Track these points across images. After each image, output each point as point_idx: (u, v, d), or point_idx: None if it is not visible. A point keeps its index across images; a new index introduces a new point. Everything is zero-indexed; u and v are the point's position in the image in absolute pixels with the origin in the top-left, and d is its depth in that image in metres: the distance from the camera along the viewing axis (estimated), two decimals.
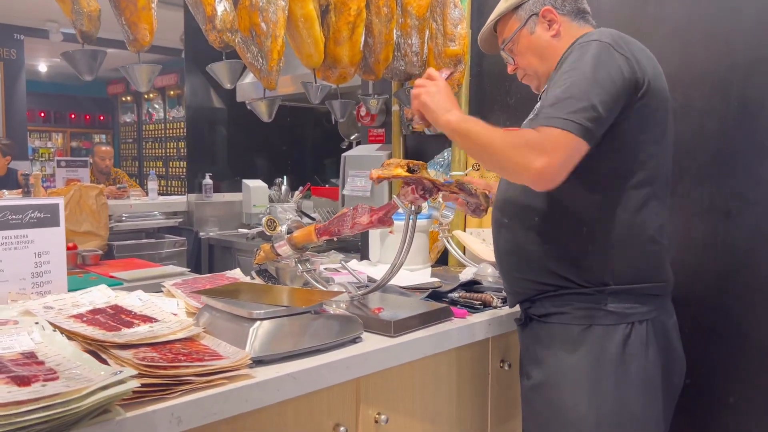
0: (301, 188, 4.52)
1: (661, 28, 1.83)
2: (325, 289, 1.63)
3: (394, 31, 2.09)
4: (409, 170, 1.45)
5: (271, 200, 4.47)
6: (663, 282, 1.34)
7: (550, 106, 1.20)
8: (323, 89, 2.02)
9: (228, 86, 1.81)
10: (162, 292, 1.67)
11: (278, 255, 1.70)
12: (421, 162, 1.46)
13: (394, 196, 1.50)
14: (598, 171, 1.27)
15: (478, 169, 2.43)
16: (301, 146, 5.60)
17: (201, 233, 4.47)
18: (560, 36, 1.41)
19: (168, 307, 1.45)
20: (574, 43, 1.30)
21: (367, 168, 2.94)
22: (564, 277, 1.32)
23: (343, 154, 3.17)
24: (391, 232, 2.09)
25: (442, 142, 2.62)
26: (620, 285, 1.29)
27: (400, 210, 1.51)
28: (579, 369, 1.28)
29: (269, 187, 4.57)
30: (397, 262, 1.52)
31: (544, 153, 1.16)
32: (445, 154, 2.57)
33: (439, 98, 1.33)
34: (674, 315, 1.38)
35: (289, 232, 1.69)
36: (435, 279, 2.02)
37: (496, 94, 2.47)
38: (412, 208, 1.50)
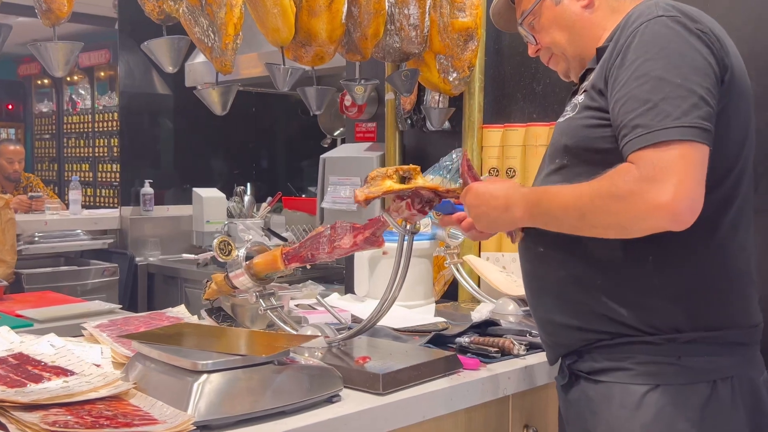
0: (269, 199, 4.52)
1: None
2: (294, 332, 1.63)
3: None
4: (401, 179, 1.46)
5: (230, 215, 4.47)
6: (752, 327, 1.32)
7: (641, 116, 1.16)
8: (294, 73, 2.04)
9: (170, 69, 1.83)
10: (83, 336, 1.67)
11: (234, 288, 1.71)
12: (412, 166, 1.48)
13: (383, 213, 1.51)
14: None
15: (497, 175, 2.45)
16: (270, 145, 5.62)
17: (138, 258, 4.47)
18: (594, 7, 1.42)
19: (89, 356, 1.45)
20: (626, 23, 1.28)
21: (353, 173, 2.96)
22: (623, 323, 1.30)
23: (323, 156, 3.18)
24: (384, 253, 2.08)
25: (448, 139, 2.65)
26: (698, 331, 1.27)
27: (393, 229, 1.52)
28: None
29: (228, 198, 4.58)
30: (389, 296, 1.53)
31: (665, 178, 1.11)
32: (454, 155, 2.59)
33: (483, 209, 1.38)
34: (765, 369, 1.36)
35: (249, 257, 1.69)
36: (439, 319, 2.03)
37: (519, 79, 2.51)
38: (407, 227, 1.51)
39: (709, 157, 1.18)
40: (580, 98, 1.36)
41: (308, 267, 1.67)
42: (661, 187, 1.11)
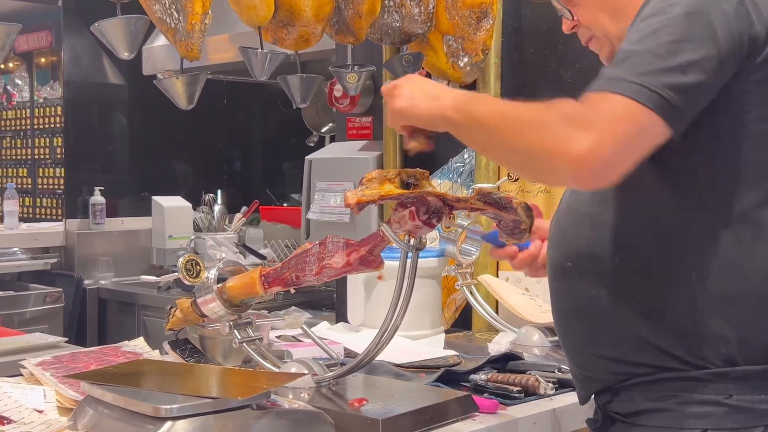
0: (244, 209, 4.52)
1: None
2: (276, 369, 1.63)
3: None
4: (404, 185, 1.46)
5: (197, 228, 4.47)
6: None
7: (613, 66, 1.21)
8: (274, 59, 2.05)
9: (125, 55, 1.84)
10: (21, 375, 1.66)
11: (203, 316, 1.70)
12: (419, 170, 1.48)
13: (383, 224, 1.51)
14: (713, 182, 1.28)
15: (516, 180, 2.45)
16: (245, 144, 5.63)
17: (86, 281, 4.46)
18: None
19: (30, 400, 1.44)
20: None
21: (344, 177, 2.96)
22: (667, 352, 1.30)
23: (309, 157, 3.18)
24: (379, 277, 2.09)
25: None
26: (752, 365, 1.27)
27: (394, 244, 1.52)
28: None
29: (195, 208, 4.58)
30: (389, 325, 1.52)
31: (591, 127, 1.15)
32: (465, 156, 2.59)
33: (413, 91, 1.37)
34: None
35: (221, 280, 1.69)
36: (450, 352, 2.02)
37: (543, 63, 2.51)
38: (411, 242, 1.51)
39: (758, 139, 1.22)
40: None
41: (292, 291, 1.67)
42: (582, 134, 1.15)
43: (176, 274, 1.80)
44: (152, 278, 2.12)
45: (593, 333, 1.37)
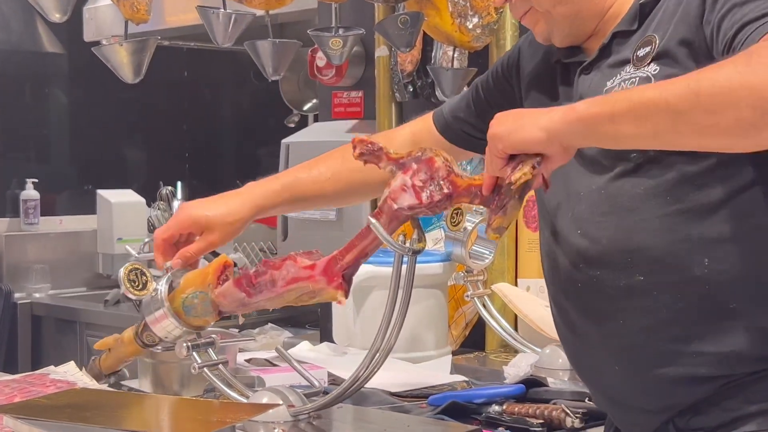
0: None
1: None
2: (244, 399, 1.63)
3: None
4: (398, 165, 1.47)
5: (152, 228, 4.45)
6: None
7: (746, 5, 1.28)
8: (240, 21, 2.05)
9: (56, 17, 1.83)
10: None
11: (149, 345, 1.71)
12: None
13: (370, 219, 1.50)
14: None
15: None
16: (210, 125, 5.61)
17: (17, 294, 4.45)
18: None
19: None
20: None
21: None
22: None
23: (286, 140, 3.18)
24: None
25: None
26: None
27: (386, 245, 1.52)
28: None
29: (149, 204, 4.58)
30: (381, 345, 1.53)
31: None
32: None
33: (514, 114, 1.38)
34: None
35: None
36: (458, 377, 2.03)
37: None
38: (407, 244, 1.51)
39: None
40: (650, 70, 1.43)
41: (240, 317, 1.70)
42: None
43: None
44: (99, 291, 2.11)
45: (675, 354, 1.43)
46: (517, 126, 1.34)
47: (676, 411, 1.46)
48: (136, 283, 1.74)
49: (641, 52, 1.45)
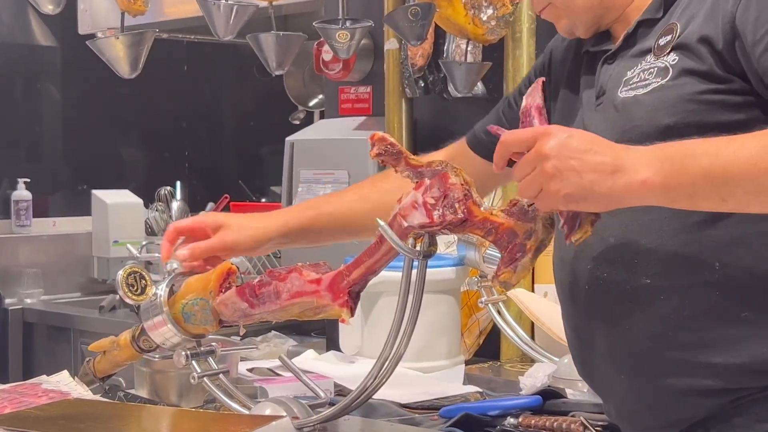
0: (211, 206, 4.50)
1: None
2: (246, 411, 1.62)
3: None
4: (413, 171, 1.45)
5: (151, 231, 4.46)
6: None
7: None
8: (242, 12, 2.04)
9: (49, 9, 1.82)
10: None
11: (146, 350, 1.70)
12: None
13: (379, 221, 1.50)
14: None
15: None
16: (211, 123, 5.62)
17: (9, 300, 4.44)
18: None
19: None
20: None
21: (336, 164, 2.96)
22: None
23: (291, 138, 3.17)
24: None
25: (481, 109, 2.62)
26: None
27: (396, 249, 1.50)
28: None
29: (147, 205, 4.57)
30: (391, 353, 1.52)
31: None
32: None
33: (574, 163, 1.30)
34: None
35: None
36: (472, 388, 2.03)
37: None
38: (417, 248, 1.50)
39: None
40: (669, 59, 1.45)
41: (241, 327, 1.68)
42: None
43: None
44: (95, 297, 2.11)
45: (690, 363, 1.43)
46: (585, 188, 1.30)
47: (684, 426, 1.46)
48: (135, 288, 1.74)
49: (662, 41, 1.47)
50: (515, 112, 1.74)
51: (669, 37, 1.47)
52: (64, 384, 1.81)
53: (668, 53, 1.45)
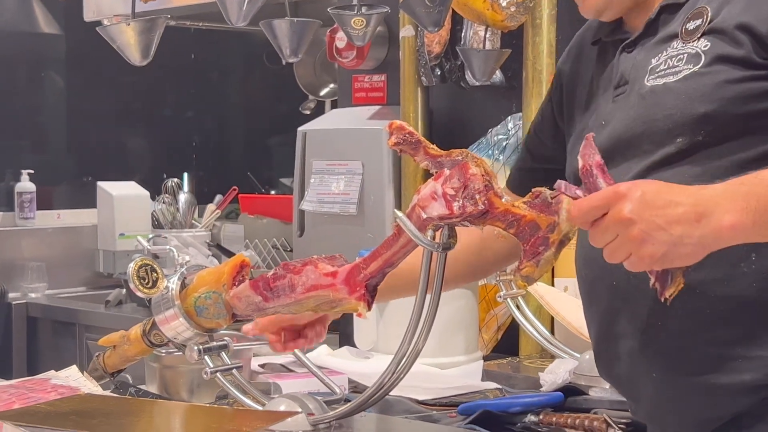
0: (219, 198, 4.51)
1: None
2: (260, 407, 1.63)
3: None
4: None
5: (157, 224, 4.46)
6: None
7: None
8: None
9: None
10: None
11: (157, 345, 1.71)
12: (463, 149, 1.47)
13: (397, 212, 1.50)
14: None
15: None
16: (219, 112, 5.61)
17: (12, 294, 4.45)
18: None
19: None
20: None
21: (349, 155, 2.97)
22: None
23: (303, 128, 3.17)
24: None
25: (500, 98, 2.63)
26: None
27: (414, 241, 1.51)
28: None
29: (154, 198, 4.57)
30: (409, 349, 1.53)
31: None
32: (510, 125, 2.59)
33: (657, 218, 1.28)
34: None
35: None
36: (491, 384, 2.04)
37: None
38: (436, 240, 1.50)
39: None
40: (700, 45, 1.44)
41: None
42: None
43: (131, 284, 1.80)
44: (101, 291, 2.12)
45: (725, 360, 1.44)
46: (673, 244, 1.28)
47: (716, 425, 1.46)
48: (146, 281, 1.74)
49: (691, 25, 1.46)
50: (543, 139, 1.78)
51: (699, 21, 1.46)
52: (73, 379, 1.81)
53: (699, 38, 1.45)
